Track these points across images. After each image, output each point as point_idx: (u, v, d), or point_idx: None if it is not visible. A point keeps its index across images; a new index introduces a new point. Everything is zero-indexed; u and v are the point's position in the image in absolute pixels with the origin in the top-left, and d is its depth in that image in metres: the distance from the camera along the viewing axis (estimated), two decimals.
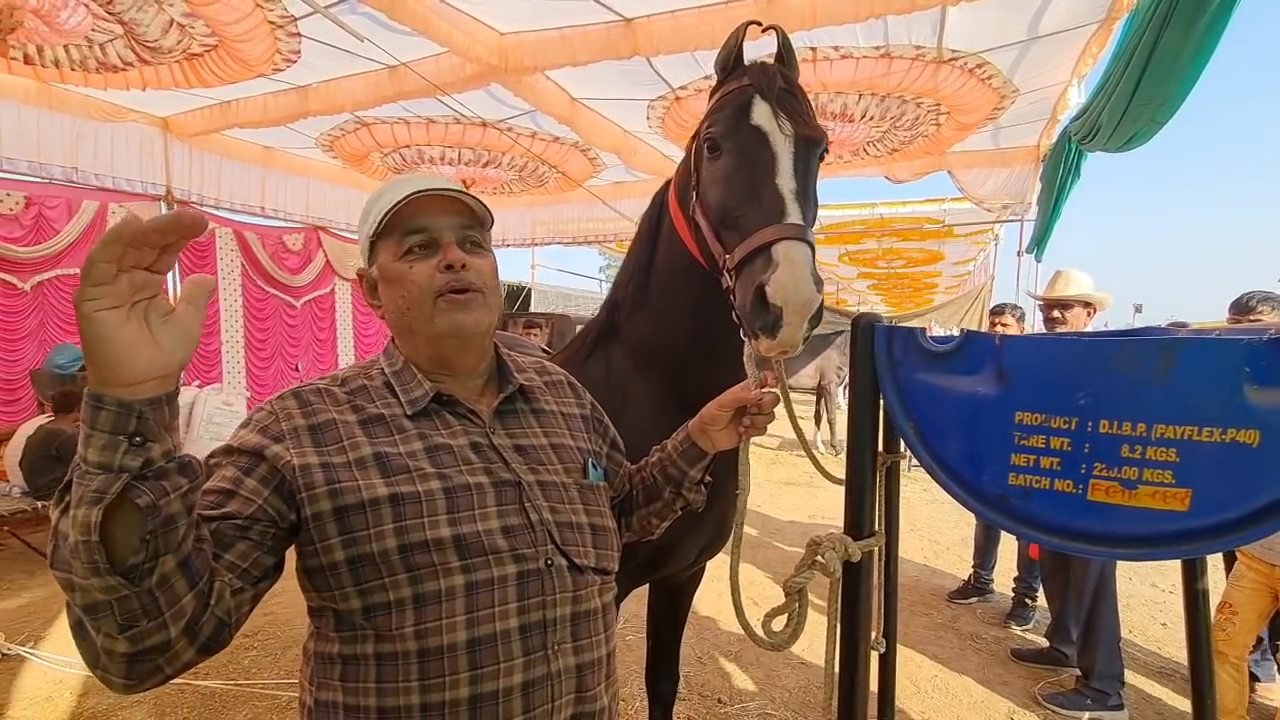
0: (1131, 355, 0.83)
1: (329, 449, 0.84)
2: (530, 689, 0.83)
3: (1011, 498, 0.92)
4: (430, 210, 0.90)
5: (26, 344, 5.99)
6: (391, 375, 0.94)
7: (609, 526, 1.01)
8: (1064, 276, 3.16)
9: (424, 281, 0.89)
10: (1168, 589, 4.13)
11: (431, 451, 0.88)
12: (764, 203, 1.15)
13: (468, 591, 0.81)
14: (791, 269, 1.06)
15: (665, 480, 1.13)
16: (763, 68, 1.30)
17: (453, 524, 0.83)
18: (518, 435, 0.98)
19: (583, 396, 1.15)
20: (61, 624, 3.49)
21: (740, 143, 1.22)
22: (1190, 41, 3.09)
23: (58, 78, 4.94)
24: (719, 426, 1.09)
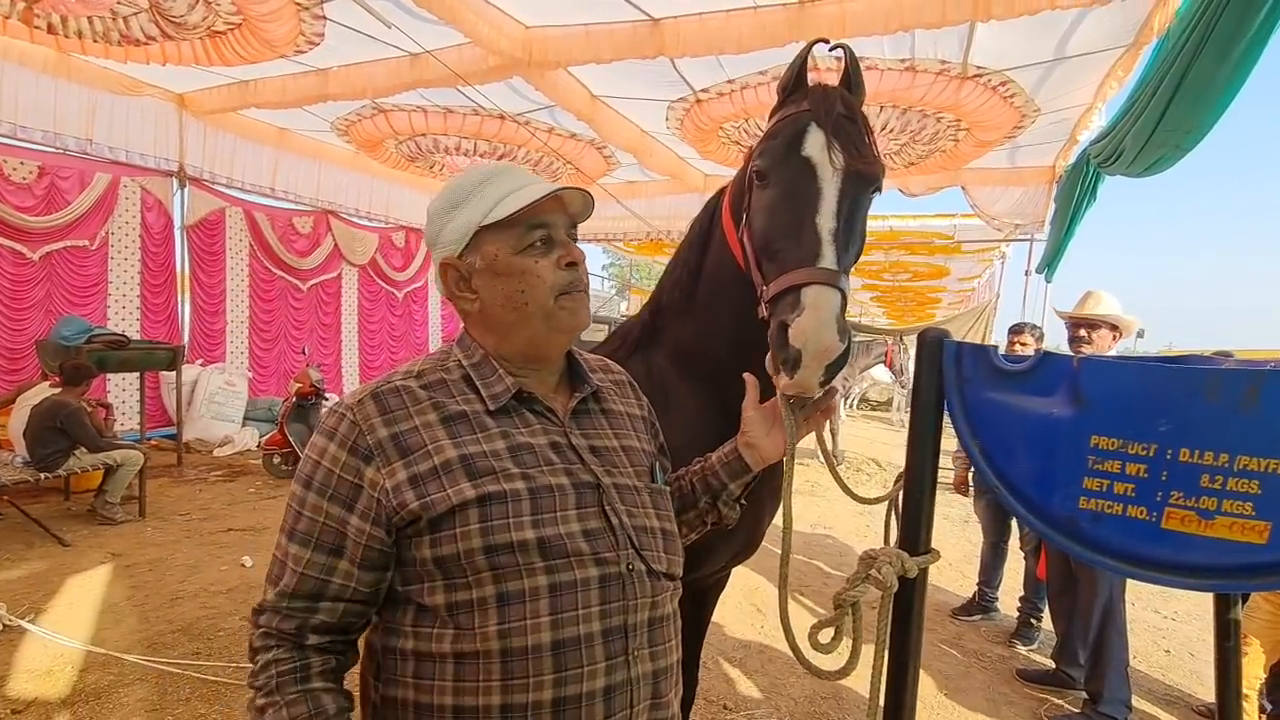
0: (1217, 385, 0.82)
1: (414, 457, 0.84)
2: (611, 693, 0.83)
3: (1081, 521, 0.91)
4: (550, 208, 0.91)
5: (33, 314, 5.95)
6: (470, 368, 0.93)
7: (675, 532, 1.01)
8: (1094, 296, 3.16)
9: (550, 278, 0.90)
10: (1170, 615, 4.14)
11: (515, 451, 0.88)
12: (801, 242, 1.14)
13: (551, 593, 0.81)
14: (816, 315, 1.05)
15: (704, 490, 1.12)
16: (824, 92, 1.26)
17: (536, 526, 0.83)
18: (592, 436, 0.97)
19: (641, 398, 1.14)
20: (62, 597, 3.46)
21: (787, 175, 1.20)
22: (1224, 69, 3.08)
23: (79, 49, 4.91)
24: (760, 432, 1.09)
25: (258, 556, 4.13)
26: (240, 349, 7.96)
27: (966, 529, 5.75)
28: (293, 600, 0.83)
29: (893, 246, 10.83)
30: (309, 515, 0.84)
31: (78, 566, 3.89)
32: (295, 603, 0.83)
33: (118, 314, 6.63)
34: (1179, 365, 0.88)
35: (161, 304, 6.99)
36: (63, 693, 2.65)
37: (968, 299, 15.75)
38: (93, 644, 3.00)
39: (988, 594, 3.89)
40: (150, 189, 6.76)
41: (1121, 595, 2.82)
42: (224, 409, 7.22)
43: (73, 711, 2.53)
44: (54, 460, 4.36)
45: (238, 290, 7.85)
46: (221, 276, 7.60)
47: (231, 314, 7.79)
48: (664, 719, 0.90)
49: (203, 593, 3.62)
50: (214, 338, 7.59)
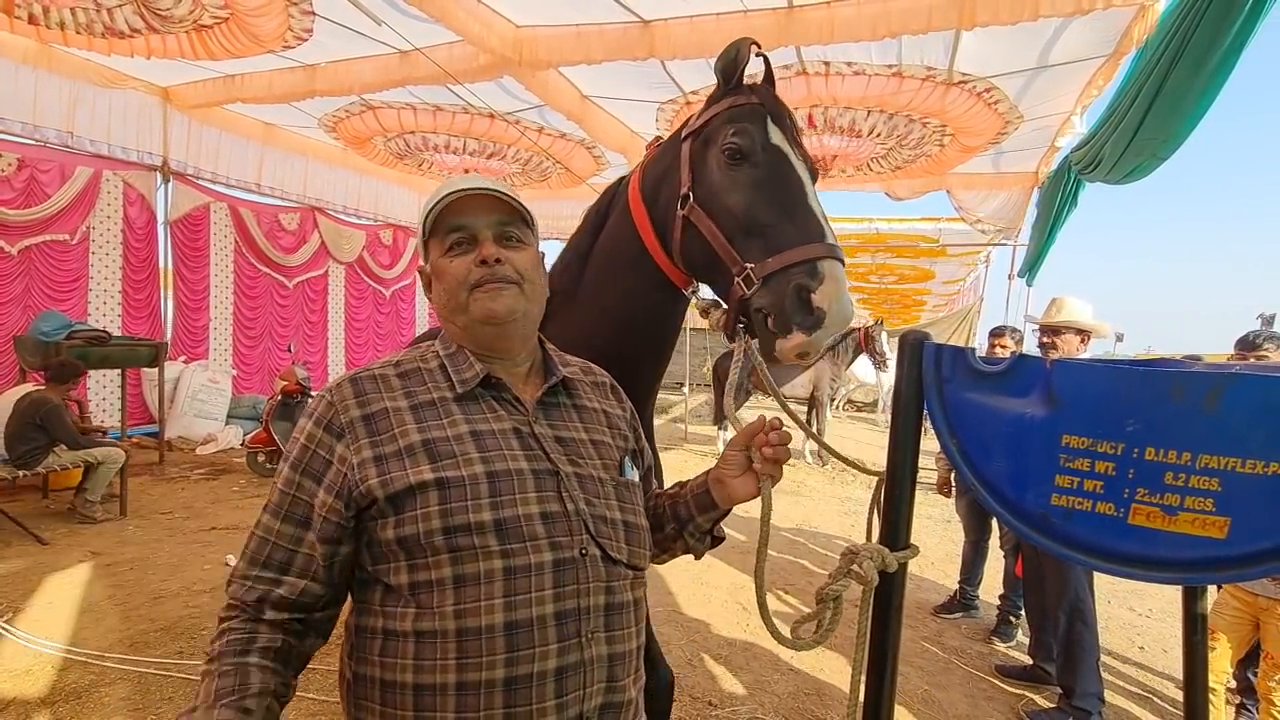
0: (1183, 386, 0.86)
1: (381, 439, 0.88)
2: (564, 675, 0.85)
3: (1053, 518, 0.95)
4: (469, 209, 0.96)
5: (10, 309, 5.86)
6: (446, 358, 0.99)
7: (642, 524, 1.02)
8: (1058, 303, 3.22)
9: (461, 274, 0.95)
10: (1144, 613, 4.23)
11: (476, 436, 0.91)
12: (800, 220, 1.18)
13: (506, 575, 0.83)
14: (837, 285, 1.10)
15: (672, 516, 1.11)
16: (771, 94, 1.33)
17: (494, 508, 0.86)
18: (559, 427, 1.00)
19: (624, 402, 1.16)
20: (40, 597, 3.42)
21: (770, 156, 1.24)
22: (1198, 81, 3.17)
23: (61, 40, 4.85)
24: (733, 471, 1.06)
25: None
26: (224, 346, 7.88)
27: (949, 528, 5.83)
28: (262, 569, 0.87)
29: (879, 249, 10.95)
30: (282, 489, 0.89)
31: (57, 565, 3.84)
32: (264, 572, 0.86)
33: (98, 309, 6.54)
34: (1147, 368, 0.92)
35: (143, 300, 6.90)
36: (43, 692, 2.62)
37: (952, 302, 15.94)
38: (74, 643, 2.96)
39: (968, 592, 3.95)
40: (133, 183, 6.67)
41: (1088, 591, 2.88)
42: (207, 406, 7.14)
43: (53, 711, 2.51)
44: (32, 457, 4.31)
45: (222, 287, 7.77)
46: (205, 273, 7.52)
47: (215, 310, 7.71)
48: (620, 702, 0.91)
49: (185, 591, 3.59)
50: (197, 334, 7.51)
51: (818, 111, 5.60)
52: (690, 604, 3.90)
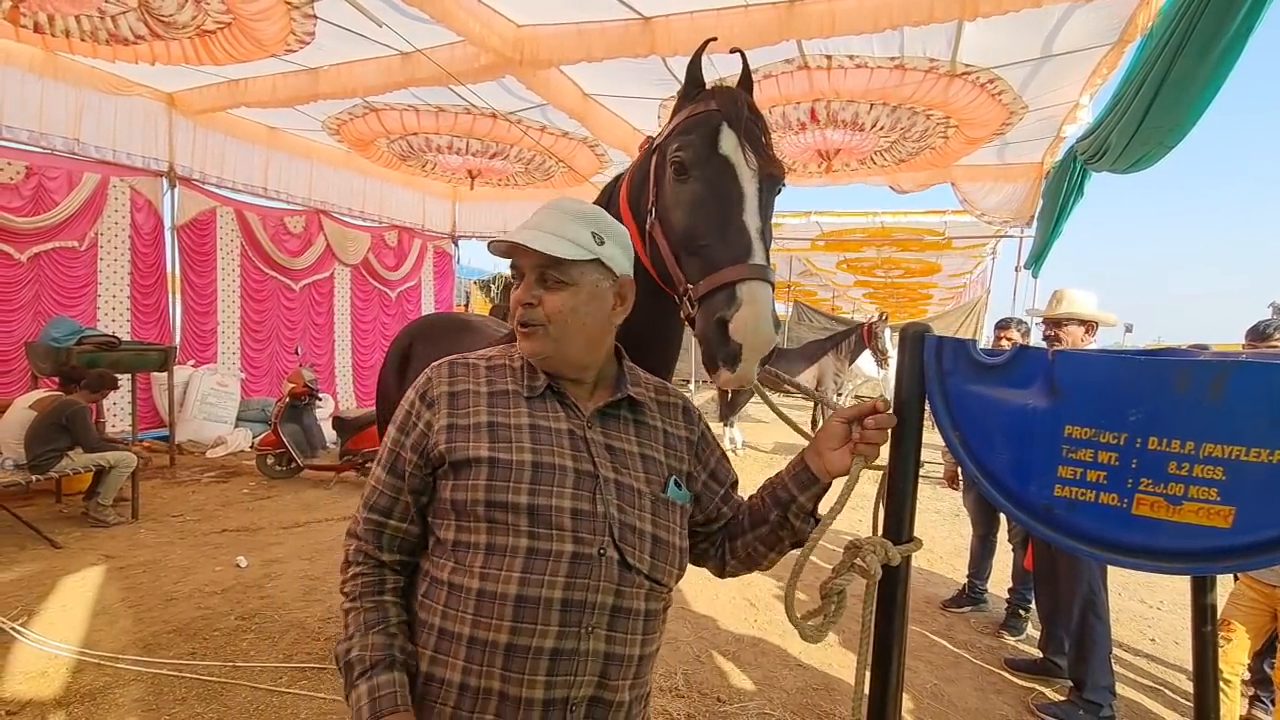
0: (1186, 376, 0.86)
1: (459, 413, 1.03)
2: (558, 657, 0.92)
3: (1057, 509, 0.94)
4: (518, 251, 1.04)
5: (21, 315, 5.91)
6: (526, 361, 1.10)
7: (674, 543, 1.05)
8: (1059, 295, 3.21)
9: (515, 307, 1.06)
10: (1156, 605, 4.20)
11: (534, 430, 1.02)
12: (730, 239, 1.18)
13: (528, 555, 0.93)
14: (754, 309, 1.10)
15: (773, 503, 1.12)
16: (730, 94, 1.31)
17: (532, 493, 0.95)
18: (612, 437, 1.06)
19: (695, 424, 1.18)
20: (54, 600, 3.45)
21: (709, 171, 1.23)
22: (1205, 67, 3.13)
23: (66, 48, 4.88)
24: (833, 443, 1.07)
25: (252, 556, 4.14)
26: (232, 350, 7.93)
27: (956, 522, 5.81)
28: (370, 512, 1.03)
29: (884, 243, 10.90)
30: (390, 446, 1.05)
31: (70, 568, 3.88)
32: (373, 515, 1.03)
33: (107, 315, 6.60)
34: (1150, 357, 0.92)
35: (152, 305, 6.95)
36: (58, 694, 2.65)
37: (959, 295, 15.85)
38: (87, 645, 3.00)
39: (977, 586, 3.94)
40: (140, 189, 6.72)
41: (1102, 584, 2.87)
42: (216, 410, 7.19)
43: (68, 712, 2.54)
44: (47, 461, 4.35)
45: (229, 291, 7.82)
46: (213, 277, 7.56)
47: (223, 314, 7.76)
48: (609, 701, 0.96)
49: (197, 593, 3.62)
50: (205, 338, 7.56)
51: (820, 106, 5.57)
52: (698, 600, 3.91)
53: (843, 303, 18.98)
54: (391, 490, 1.03)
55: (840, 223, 10.16)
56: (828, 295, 18.11)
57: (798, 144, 6.32)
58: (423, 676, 0.95)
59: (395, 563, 1.03)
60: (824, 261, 13.24)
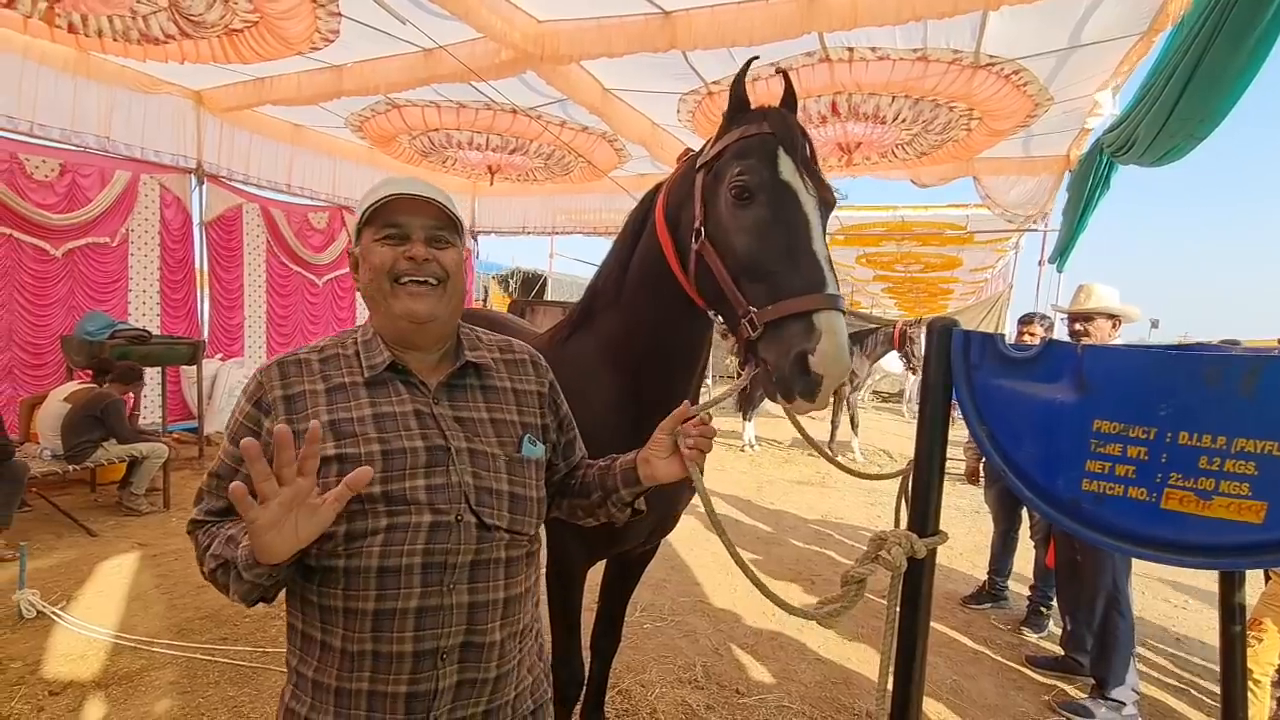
0: (1218, 370, 0.86)
1: (296, 417, 1.02)
2: (423, 614, 0.99)
3: (1084, 503, 0.95)
4: (406, 210, 1.06)
5: (56, 310, 6.07)
6: (362, 344, 1.10)
7: (530, 496, 1.11)
8: (1085, 290, 3.17)
9: (387, 262, 1.05)
10: (1181, 604, 4.14)
11: (378, 419, 1.03)
12: (802, 267, 1.18)
13: (387, 530, 0.98)
14: (833, 340, 1.11)
15: (598, 486, 1.21)
16: (784, 119, 1.31)
17: (384, 482, 0.99)
18: (460, 408, 1.10)
19: (543, 375, 1.23)
20: (91, 586, 3.57)
21: (775, 197, 1.23)
22: (1238, 57, 3.06)
23: (99, 48, 4.99)
24: (661, 453, 1.14)
25: None
26: (258, 343, 8.07)
27: (977, 519, 5.76)
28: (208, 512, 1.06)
29: (905, 238, 10.79)
30: (223, 458, 1.05)
31: (106, 555, 4.00)
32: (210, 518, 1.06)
33: (138, 309, 6.75)
34: (1182, 353, 0.92)
35: (181, 299, 7.10)
36: (96, 676, 2.74)
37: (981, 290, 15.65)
38: (123, 630, 3.10)
39: (998, 582, 3.92)
40: (169, 186, 6.86)
41: (1125, 581, 2.84)
42: None
43: (107, 693, 2.63)
44: (83, 451, 4.48)
45: (255, 285, 7.95)
46: (239, 272, 7.70)
47: (249, 309, 7.90)
48: (482, 643, 1.03)
49: None
50: (232, 332, 7.70)
51: (841, 99, 5.52)
52: (717, 594, 3.93)
53: (861, 298, 18.82)
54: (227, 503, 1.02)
55: (860, 217, 10.07)
56: (846, 290, 17.97)
57: (818, 137, 6.27)
58: (318, 644, 1.01)
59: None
60: (842, 256, 13.14)
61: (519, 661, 1.10)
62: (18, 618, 3.11)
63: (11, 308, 5.81)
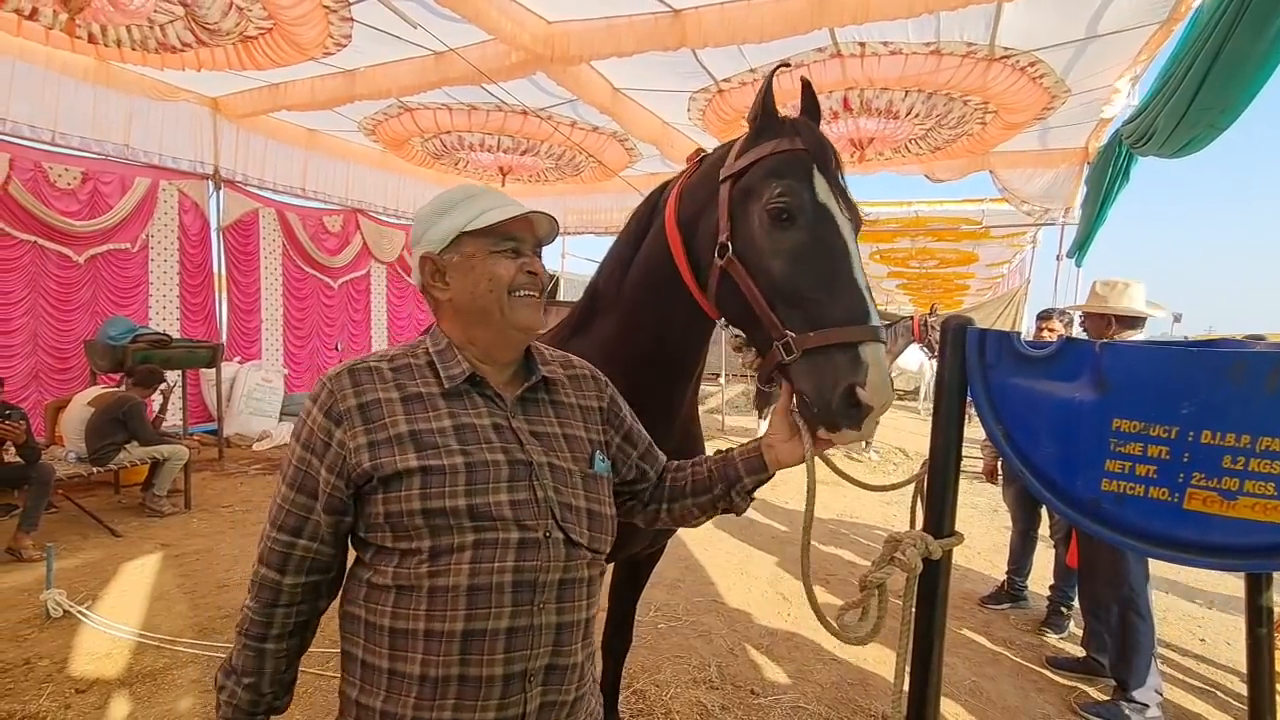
0: (1243, 368, 0.84)
1: (374, 426, 0.99)
2: (514, 635, 0.95)
3: (1104, 503, 0.93)
4: (524, 227, 1.08)
5: (79, 315, 6.19)
6: (435, 354, 1.07)
7: (605, 513, 1.10)
8: (1118, 287, 3.11)
9: (509, 275, 1.05)
10: (1206, 604, 4.06)
11: (459, 430, 1.01)
12: (845, 296, 1.15)
13: (475, 547, 0.95)
14: (879, 372, 1.08)
15: (720, 478, 1.21)
16: (815, 134, 1.28)
17: (469, 495, 0.96)
18: (535, 422, 1.08)
19: (604, 390, 1.22)
20: (116, 586, 3.63)
21: (815, 221, 1.19)
22: (1260, 45, 2.99)
23: (118, 57, 5.07)
24: (781, 437, 1.16)
25: None
26: (275, 346, 8.18)
27: (995, 518, 5.70)
28: (279, 532, 1.00)
29: (919, 233, 10.68)
30: (296, 463, 1.01)
31: (130, 556, 4.07)
32: (281, 535, 1.00)
33: (158, 314, 6.87)
34: (1204, 349, 0.90)
35: (200, 303, 7.21)
36: (121, 674, 2.79)
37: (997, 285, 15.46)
38: (147, 629, 3.15)
39: (1017, 582, 3.86)
40: (187, 192, 6.97)
41: (1143, 582, 2.78)
42: (262, 404, 7.44)
43: (131, 691, 2.68)
44: (107, 454, 4.57)
45: (272, 289, 8.06)
46: (256, 276, 7.81)
47: (266, 312, 8.01)
48: (565, 665, 1.01)
49: (248, 580, 3.74)
50: (250, 335, 7.81)
51: (853, 94, 5.48)
52: (731, 593, 3.92)
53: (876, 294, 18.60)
54: (301, 510, 1.00)
55: (873, 213, 9.98)
56: None
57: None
58: (385, 673, 0.96)
59: (297, 586, 1.01)
60: None
61: (591, 685, 1.09)
62: (45, 617, 3.17)
63: (36, 313, 5.94)
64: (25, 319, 5.86)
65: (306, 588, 1.02)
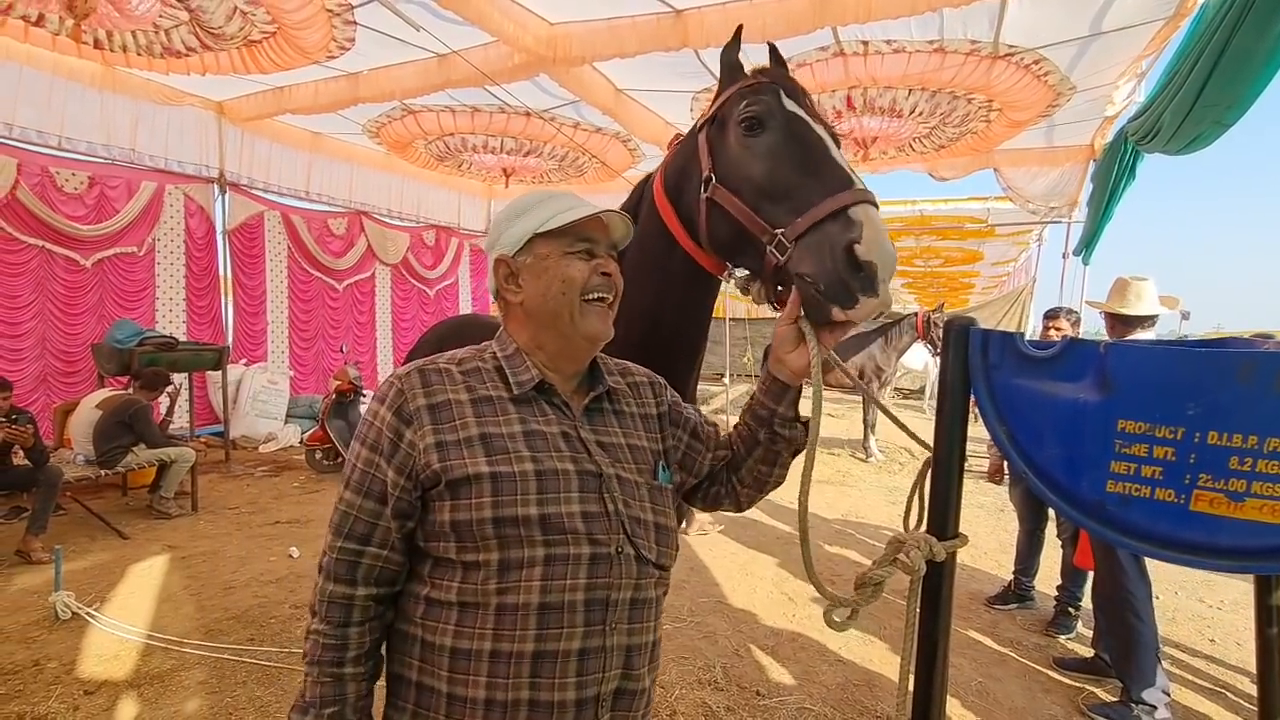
0: (1251, 368, 0.83)
1: (444, 427, 0.95)
2: (586, 656, 0.91)
3: (1109, 505, 0.93)
4: (598, 228, 1.05)
5: (86, 318, 6.23)
6: (504, 359, 1.04)
7: (670, 526, 1.08)
8: (1134, 289, 3.09)
9: (583, 277, 1.02)
10: (1215, 605, 4.03)
11: (529, 436, 0.97)
12: (826, 173, 1.14)
13: (546, 563, 0.91)
14: (875, 228, 1.03)
15: (758, 424, 1.16)
16: (781, 73, 1.32)
17: (540, 504, 0.92)
18: (601, 432, 1.05)
19: (661, 395, 1.19)
20: (124, 587, 3.65)
21: (786, 121, 1.22)
22: (1265, 41, 2.97)
23: (124, 62, 5.11)
24: (788, 347, 1.11)
25: (304, 547, 4.30)
26: (281, 348, 8.21)
27: (1002, 517, 5.67)
28: (346, 540, 0.95)
29: (923, 232, 10.64)
30: (362, 467, 0.96)
31: (137, 558, 4.09)
32: (348, 543, 0.95)
33: (165, 317, 6.90)
34: (1210, 349, 0.89)
35: (206, 306, 7.25)
36: (129, 675, 2.81)
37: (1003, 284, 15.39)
38: (154, 630, 3.17)
39: (1024, 583, 3.84)
40: (193, 195, 7.00)
41: (1138, 585, 2.75)
42: (268, 407, 7.47)
43: (139, 693, 2.69)
44: (114, 456, 4.59)
45: (277, 291, 8.09)
46: (262, 278, 7.84)
47: (272, 314, 8.03)
48: (634, 690, 0.97)
49: (254, 582, 3.78)
50: (256, 338, 7.84)
51: (856, 93, 5.47)
52: (736, 594, 3.91)
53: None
54: (369, 515, 0.95)
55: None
56: None
57: None
58: (444, 696, 0.91)
59: (370, 599, 0.95)
60: None
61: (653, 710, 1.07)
62: (54, 618, 3.19)
63: (44, 317, 5.97)
64: (33, 323, 5.90)
65: (377, 600, 0.96)
